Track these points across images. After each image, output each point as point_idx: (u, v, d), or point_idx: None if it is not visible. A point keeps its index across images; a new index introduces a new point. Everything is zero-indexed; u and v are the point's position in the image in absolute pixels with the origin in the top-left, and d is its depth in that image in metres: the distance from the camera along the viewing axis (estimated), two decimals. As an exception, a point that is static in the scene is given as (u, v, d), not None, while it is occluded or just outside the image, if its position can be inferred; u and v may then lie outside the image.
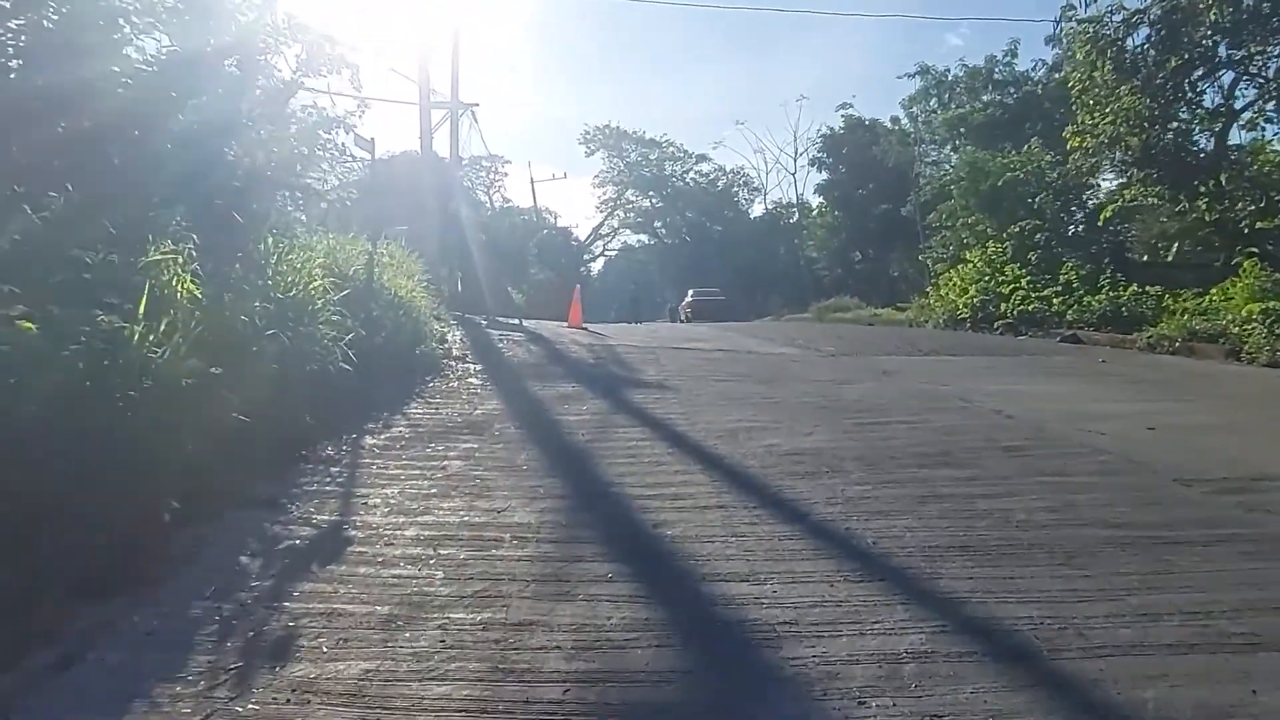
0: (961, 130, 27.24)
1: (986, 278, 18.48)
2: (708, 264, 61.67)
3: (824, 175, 43.57)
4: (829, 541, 3.59)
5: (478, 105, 23.24)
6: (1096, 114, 14.69)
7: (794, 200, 59.42)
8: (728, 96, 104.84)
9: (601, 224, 70.02)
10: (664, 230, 68.26)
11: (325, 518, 3.83)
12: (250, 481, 4.21)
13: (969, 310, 18.27)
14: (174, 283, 4.31)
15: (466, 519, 3.83)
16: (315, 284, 6.01)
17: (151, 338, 3.69)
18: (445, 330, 10.47)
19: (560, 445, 5.42)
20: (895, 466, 4.79)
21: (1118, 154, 14.69)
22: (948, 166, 31.66)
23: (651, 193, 66.01)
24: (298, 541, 3.52)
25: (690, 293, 33.73)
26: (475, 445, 5.29)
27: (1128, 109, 13.96)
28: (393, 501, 4.07)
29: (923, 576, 3.18)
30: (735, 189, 66.38)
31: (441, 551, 3.40)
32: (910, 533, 3.66)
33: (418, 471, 4.62)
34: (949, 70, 30.88)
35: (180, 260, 4.40)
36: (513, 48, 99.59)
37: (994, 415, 6.36)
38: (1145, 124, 13.74)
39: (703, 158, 65.41)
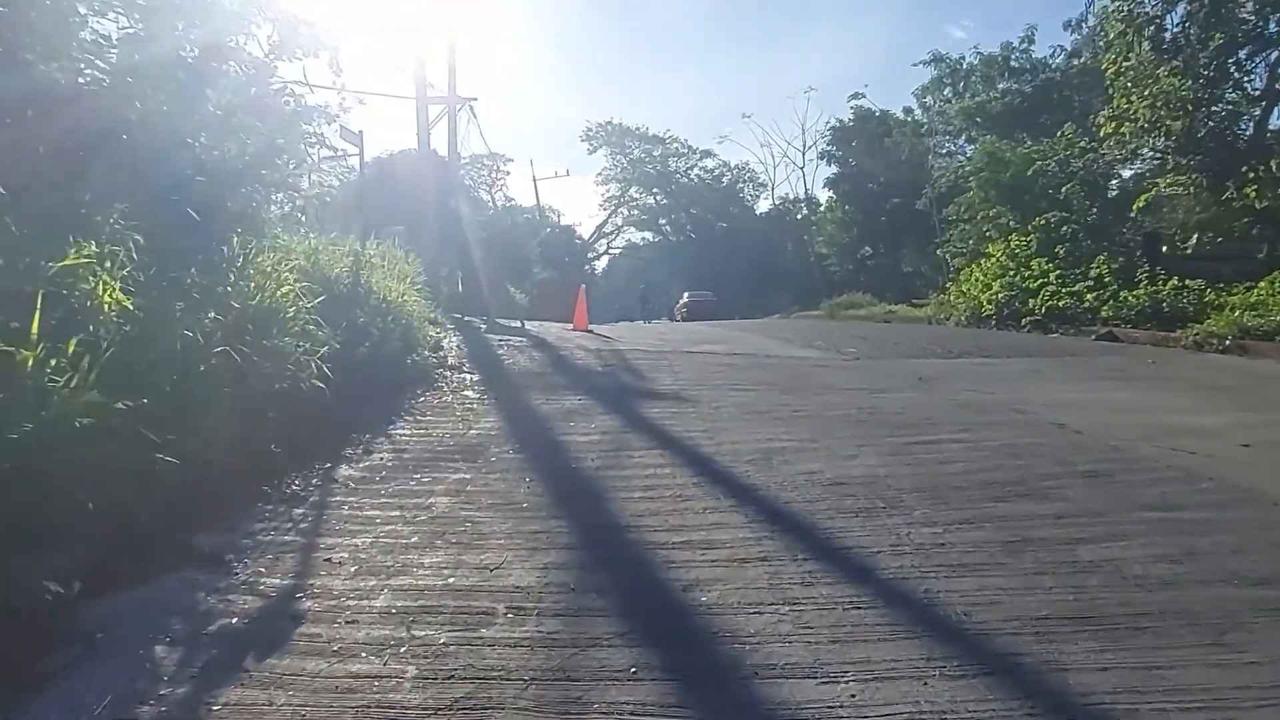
0: (979, 119, 26.35)
1: (1011, 272, 17.68)
2: (713, 261, 60.96)
3: (833, 169, 42.77)
4: (907, 611, 2.83)
5: (476, 100, 22.48)
6: (1134, 97, 13.86)
7: (802, 195, 58.60)
8: (732, 91, 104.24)
9: (605, 222, 69.45)
10: (668, 227, 67.62)
11: (276, 581, 3.09)
12: (193, 532, 3.49)
13: (993, 307, 17.47)
14: (99, 291, 3.58)
15: (451, 581, 3.08)
16: (284, 290, 5.27)
17: (55, 363, 2.95)
18: (441, 336, 9.73)
19: (566, 474, 4.68)
20: (964, 500, 4.03)
21: (1157, 140, 13.83)
22: (961, 157, 30.82)
23: (655, 189, 65.40)
24: (235, 620, 2.77)
25: (685, 294, 36.60)
26: (467, 476, 4.54)
27: (1167, 91, 13.15)
28: (362, 556, 3.33)
29: (1042, 667, 2.43)
30: (740, 185, 65.75)
31: (416, 633, 2.66)
32: (1007, 595, 2.90)
33: (397, 513, 3.88)
34: (964, 58, 30.04)
35: (107, 264, 3.66)
36: (512, 44, 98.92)
37: (1059, 430, 5.60)
38: (1189, 106, 12.89)
39: (707, 153, 64.83)
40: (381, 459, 4.88)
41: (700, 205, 64.33)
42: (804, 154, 64.51)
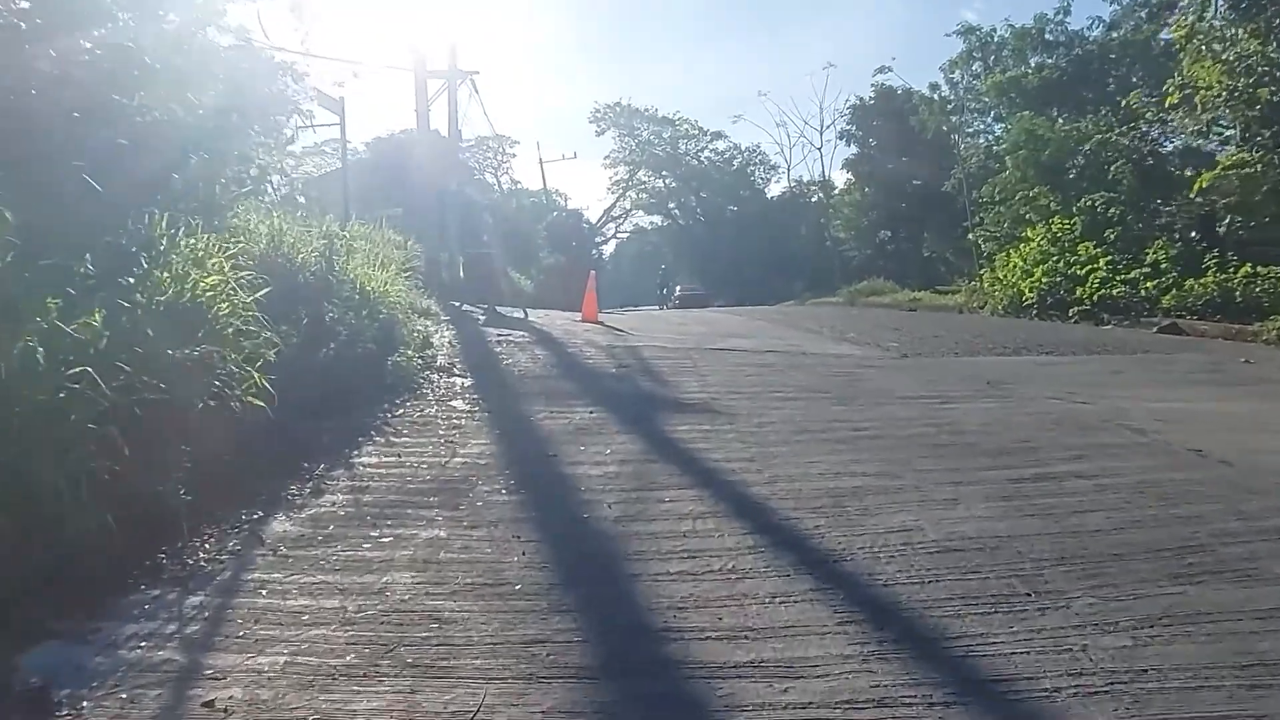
0: (1012, 95, 24.81)
1: (1054, 258, 16.38)
2: (723, 245, 59.52)
3: (853, 149, 40.98)
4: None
5: (478, 73, 21.25)
6: (1207, 64, 12.46)
7: (819, 177, 56.89)
8: (747, 71, 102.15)
9: (613, 205, 68.06)
10: (677, 211, 66.21)
11: (115, 755, 1.94)
12: (23, 646, 2.34)
13: (1035, 295, 16.18)
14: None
15: (395, 754, 1.93)
16: (209, 282, 4.09)
17: None
18: (432, 330, 8.56)
19: (575, 530, 3.51)
20: (1134, 580, 2.86)
21: (1237, 110, 12.38)
22: (988, 137, 29.36)
23: (665, 172, 63.98)
24: None
25: (678, 287, 40.63)
26: (443, 533, 3.38)
27: (1246, 56, 11.76)
28: (265, 696, 2.17)
29: None
30: (752, 168, 64.25)
31: None
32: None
33: (334, 604, 2.73)
34: (994, 31, 28.34)
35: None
36: (518, 24, 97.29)
37: (1197, 459, 4.41)
38: (1276, 72, 11.47)
39: (718, 135, 63.29)
40: (333, 503, 3.72)
41: (710, 188, 62.88)
42: (821, 134, 62.54)
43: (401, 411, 5.47)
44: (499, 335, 8.80)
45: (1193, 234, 14.14)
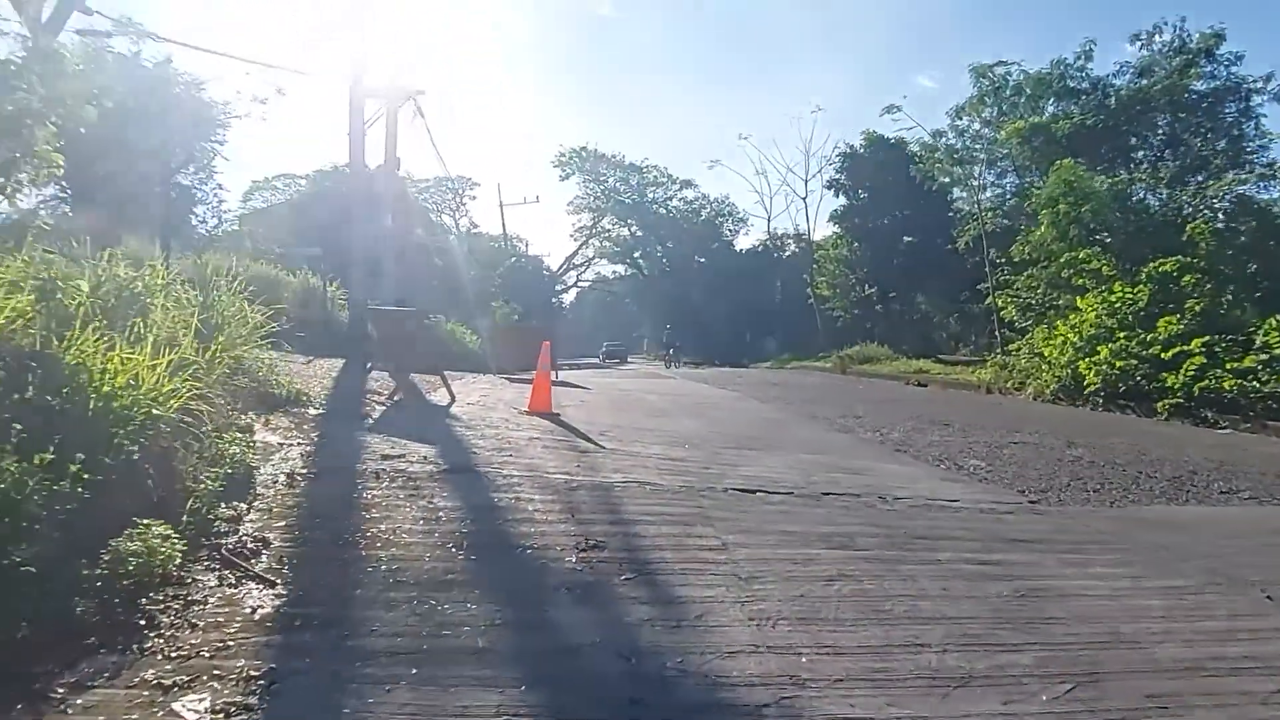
0: (1035, 144, 22.10)
1: (1119, 334, 13.43)
2: (690, 298, 56.71)
3: (841, 200, 38.14)
4: None
5: (423, 93, 17.93)
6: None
7: (803, 229, 54.54)
8: (722, 119, 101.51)
9: (575, 253, 65.35)
10: (643, 261, 63.50)
11: None
12: None
13: (1099, 379, 13.17)
14: None
15: None
16: None
17: None
18: (275, 446, 5.12)
19: None
20: None
21: None
22: (999, 189, 26.74)
23: (630, 220, 61.44)
24: None
25: (605, 344, 45.29)
26: None
27: None
28: None
29: None
30: (721, 219, 62.06)
31: None
32: None
33: None
34: (1009, 74, 25.59)
35: None
36: (486, 61, 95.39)
37: None
38: None
39: (687, 183, 61.19)
40: None
41: (677, 239, 60.39)
42: (806, 183, 60.35)
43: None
44: (387, 454, 5.36)
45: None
